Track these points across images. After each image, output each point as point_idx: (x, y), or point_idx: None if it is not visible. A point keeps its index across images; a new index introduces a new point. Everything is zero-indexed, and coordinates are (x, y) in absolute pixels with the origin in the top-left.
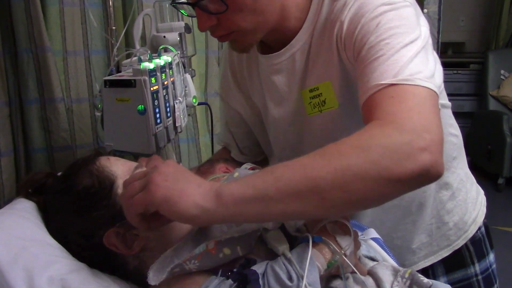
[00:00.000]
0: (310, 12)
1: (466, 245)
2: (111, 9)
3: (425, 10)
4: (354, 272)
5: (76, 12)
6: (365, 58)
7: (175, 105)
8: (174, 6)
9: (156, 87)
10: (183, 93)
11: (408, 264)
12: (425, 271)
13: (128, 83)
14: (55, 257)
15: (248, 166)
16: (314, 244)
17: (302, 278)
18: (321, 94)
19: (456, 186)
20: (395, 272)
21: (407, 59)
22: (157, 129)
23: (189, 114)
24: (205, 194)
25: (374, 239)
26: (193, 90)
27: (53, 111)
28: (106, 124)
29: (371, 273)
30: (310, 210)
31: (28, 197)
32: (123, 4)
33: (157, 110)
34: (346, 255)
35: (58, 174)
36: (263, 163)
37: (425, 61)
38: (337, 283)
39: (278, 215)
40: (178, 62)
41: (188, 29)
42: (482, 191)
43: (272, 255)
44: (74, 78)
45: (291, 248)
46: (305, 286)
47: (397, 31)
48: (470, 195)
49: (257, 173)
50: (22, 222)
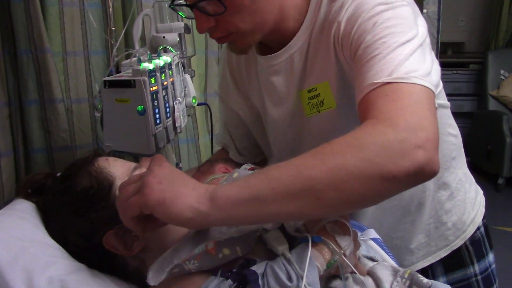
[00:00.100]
0: (308, 13)
1: (466, 245)
2: (111, 9)
3: (424, 10)
4: (354, 272)
5: (75, 12)
6: (361, 57)
7: (175, 105)
8: (172, 9)
9: (155, 88)
10: (183, 93)
11: (407, 264)
12: (424, 271)
13: (127, 84)
14: (55, 257)
15: (247, 166)
16: (314, 244)
17: (302, 278)
18: (319, 94)
19: (454, 186)
20: (395, 272)
21: (403, 58)
22: (156, 129)
23: (188, 115)
24: (200, 197)
25: (374, 240)
26: (192, 90)
27: (52, 112)
28: (105, 124)
29: (371, 273)
30: (306, 211)
31: (27, 197)
32: (123, 4)
33: (156, 111)
34: (345, 255)
35: (58, 175)
36: (262, 164)
37: (421, 59)
38: (336, 283)
39: (274, 216)
40: (178, 63)
41: (187, 29)
42: (481, 191)
43: (271, 255)
44: (73, 79)
45: (291, 248)
46: (304, 286)
47: (393, 30)
48: (469, 195)
49: (252, 174)
50: (22, 223)
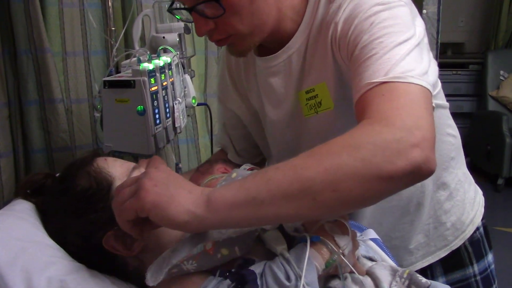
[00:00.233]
0: (306, 14)
1: (465, 245)
2: (111, 9)
3: (424, 11)
4: (353, 272)
5: (75, 13)
6: (358, 57)
7: (175, 105)
8: (170, 12)
9: (155, 88)
10: (183, 93)
11: (406, 264)
12: (423, 272)
13: (127, 84)
14: (54, 258)
15: (247, 167)
16: (312, 243)
17: (300, 278)
18: (317, 95)
19: (454, 186)
20: (394, 272)
21: (400, 57)
22: (156, 129)
23: (188, 115)
24: (196, 200)
25: (373, 240)
26: (192, 90)
27: (52, 112)
28: (105, 124)
29: (370, 273)
30: (304, 212)
31: (26, 198)
32: (123, 4)
33: (156, 111)
34: (344, 255)
35: (57, 175)
36: (261, 165)
37: (418, 59)
38: (335, 283)
39: (271, 218)
40: (178, 63)
41: (187, 29)
42: (480, 191)
43: (270, 255)
44: (73, 79)
45: (290, 248)
46: (303, 286)
47: (390, 30)
48: (468, 195)
49: (248, 176)
50: (21, 223)
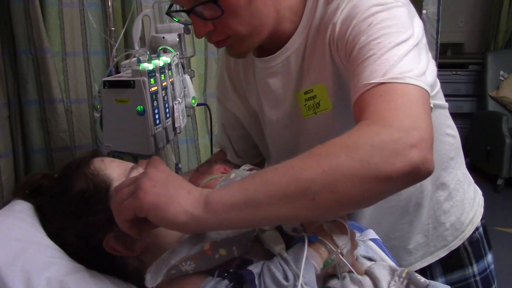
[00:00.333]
0: (304, 15)
1: (464, 245)
2: (110, 10)
3: (424, 11)
4: (351, 271)
5: (75, 13)
6: (356, 58)
7: (174, 106)
8: (168, 14)
9: (155, 88)
10: (182, 94)
11: (405, 264)
12: (423, 272)
13: (127, 84)
14: (54, 258)
15: (246, 167)
16: (310, 243)
17: (298, 277)
18: (315, 96)
19: (453, 186)
20: (392, 271)
21: (398, 58)
22: (156, 130)
23: (188, 115)
24: (194, 201)
25: (373, 240)
26: (192, 91)
27: (52, 112)
28: (105, 125)
29: (368, 272)
30: (302, 213)
31: (25, 198)
32: (122, 5)
33: (156, 111)
34: (342, 254)
35: (56, 176)
36: (260, 166)
37: (417, 60)
38: (334, 283)
39: (270, 219)
40: (177, 63)
41: (187, 30)
42: (480, 192)
43: (269, 255)
44: (73, 79)
45: (288, 248)
46: (301, 285)
47: (388, 31)
48: (467, 196)
49: (246, 177)
50: (20, 224)
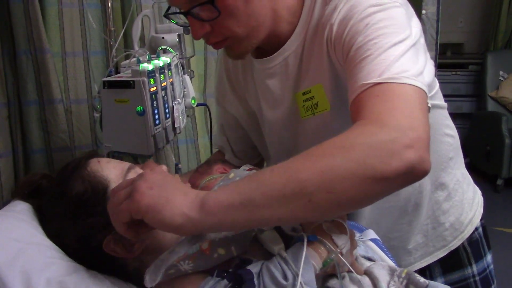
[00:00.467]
0: (302, 16)
1: (463, 245)
2: (110, 10)
3: (423, 11)
4: (351, 271)
5: (75, 13)
6: (353, 58)
7: (174, 106)
8: (166, 17)
9: (154, 88)
10: (182, 94)
11: (404, 264)
12: (422, 272)
13: (127, 84)
14: (53, 259)
15: (246, 167)
16: (310, 243)
17: (298, 277)
18: (313, 97)
19: (452, 186)
20: (392, 271)
21: (394, 58)
22: (156, 130)
23: (188, 115)
24: (190, 203)
25: (373, 240)
26: (192, 91)
27: (52, 112)
28: (105, 125)
29: (368, 272)
30: (299, 214)
31: (24, 199)
32: (122, 5)
33: (156, 111)
34: (342, 254)
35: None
36: (259, 166)
37: (414, 60)
38: (333, 283)
39: (266, 221)
40: (177, 63)
41: (187, 30)
42: (479, 192)
43: (268, 255)
44: (73, 79)
45: (288, 247)
46: (300, 285)
47: (385, 31)
48: (466, 196)
49: (243, 178)
50: (20, 224)
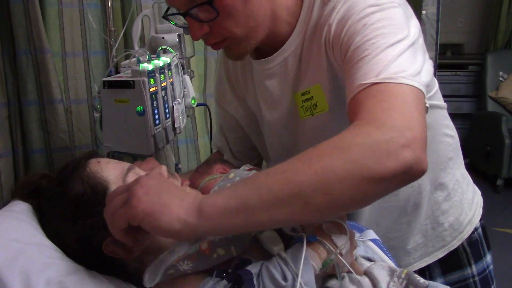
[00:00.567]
0: (301, 16)
1: (463, 246)
2: (110, 10)
3: (423, 12)
4: (350, 271)
5: (75, 13)
6: (351, 58)
7: (174, 106)
8: (165, 18)
9: (155, 88)
10: (182, 94)
11: (404, 265)
12: (422, 272)
13: (127, 84)
14: (53, 259)
15: (246, 167)
16: (309, 243)
17: (297, 277)
18: (312, 97)
19: (451, 186)
20: (392, 272)
21: (392, 58)
22: (156, 130)
23: (188, 115)
24: (187, 208)
25: (373, 240)
26: (192, 91)
27: (51, 112)
28: (104, 125)
29: (367, 273)
30: (296, 216)
31: (24, 199)
32: (122, 5)
33: (156, 111)
34: (341, 254)
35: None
36: (257, 167)
37: (412, 60)
38: (333, 283)
39: (264, 224)
40: (177, 63)
41: (187, 30)
42: (479, 192)
43: (267, 256)
44: (73, 79)
45: (287, 248)
46: (299, 285)
47: (383, 31)
48: (466, 196)
49: (239, 182)
50: (20, 224)
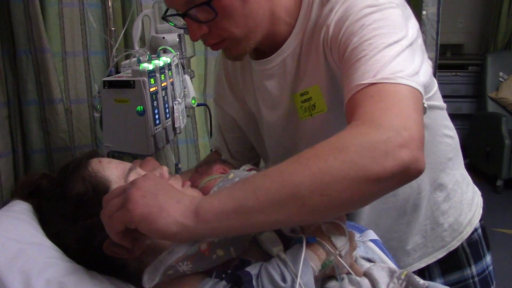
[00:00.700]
0: (300, 17)
1: (463, 246)
2: (110, 10)
3: (424, 12)
4: (350, 273)
5: (75, 13)
6: (349, 59)
7: (174, 106)
8: (164, 19)
9: (155, 88)
10: (182, 94)
11: (403, 265)
12: (421, 273)
13: (127, 84)
14: (53, 259)
15: (246, 167)
16: (309, 244)
17: (296, 278)
18: (311, 98)
19: (451, 187)
20: (391, 273)
21: (389, 58)
22: (156, 130)
23: (188, 115)
24: (184, 210)
25: (373, 241)
26: (192, 91)
27: (52, 112)
28: (105, 125)
29: (367, 274)
30: (293, 218)
31: (24, 198)
32: (122, 5)
33: (156, 111)
34: (341, 256)
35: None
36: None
37: (410, 60)
38: (332, 284)
39: (261, 226)
40: (177, 63)
41: (187, 30)
42: (479, 192)
43: (267, 257)
44: (73, 79)
45: (287, 249)
46: (299, 286)
47: (381, 32)
48: (465, 196)
49: (236, 183)
50: (20, 224)
